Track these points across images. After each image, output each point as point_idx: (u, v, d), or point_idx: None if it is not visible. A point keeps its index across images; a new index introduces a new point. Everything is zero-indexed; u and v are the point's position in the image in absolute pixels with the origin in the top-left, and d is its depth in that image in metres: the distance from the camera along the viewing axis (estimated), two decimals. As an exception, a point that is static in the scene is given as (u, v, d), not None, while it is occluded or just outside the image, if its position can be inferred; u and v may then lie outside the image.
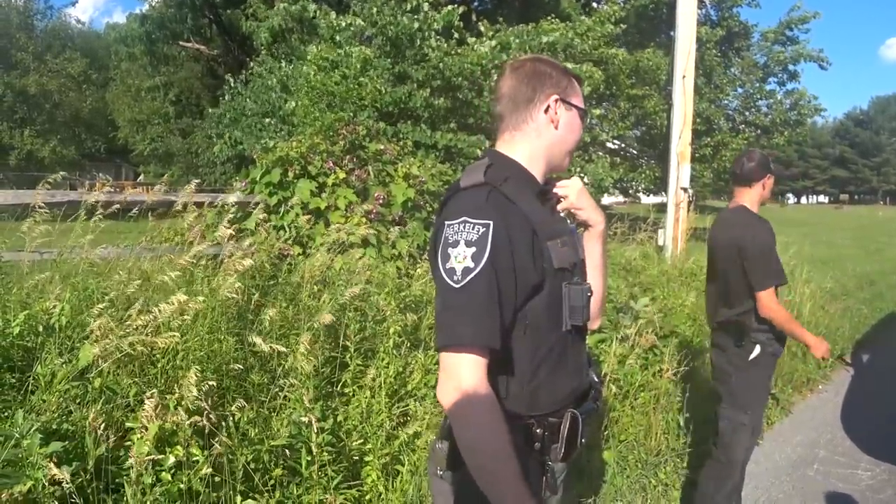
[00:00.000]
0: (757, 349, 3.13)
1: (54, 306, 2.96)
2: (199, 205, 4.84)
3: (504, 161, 1.59)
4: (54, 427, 2.31)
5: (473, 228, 1.39)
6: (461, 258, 1.37)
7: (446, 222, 1.44)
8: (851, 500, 3.88)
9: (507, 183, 1.51)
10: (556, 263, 1.49)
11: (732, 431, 3.19)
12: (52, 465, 2.01)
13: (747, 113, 17.41)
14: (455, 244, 1.39)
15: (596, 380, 1.73)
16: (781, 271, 3.07)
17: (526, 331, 1.46)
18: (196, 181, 5.05)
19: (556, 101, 1.60)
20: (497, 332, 1.36)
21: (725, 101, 17.19)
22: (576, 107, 1.64)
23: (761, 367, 3.18)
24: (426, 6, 9.19)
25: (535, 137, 1.61)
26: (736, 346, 3.19)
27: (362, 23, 9.58)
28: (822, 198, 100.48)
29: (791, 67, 17.36)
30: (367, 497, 2.91)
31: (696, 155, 14.24)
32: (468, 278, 1.36)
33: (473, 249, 1.37)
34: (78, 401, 2.53)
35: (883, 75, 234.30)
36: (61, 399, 2.50)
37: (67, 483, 1.99)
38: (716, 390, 3.39)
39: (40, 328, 2.89)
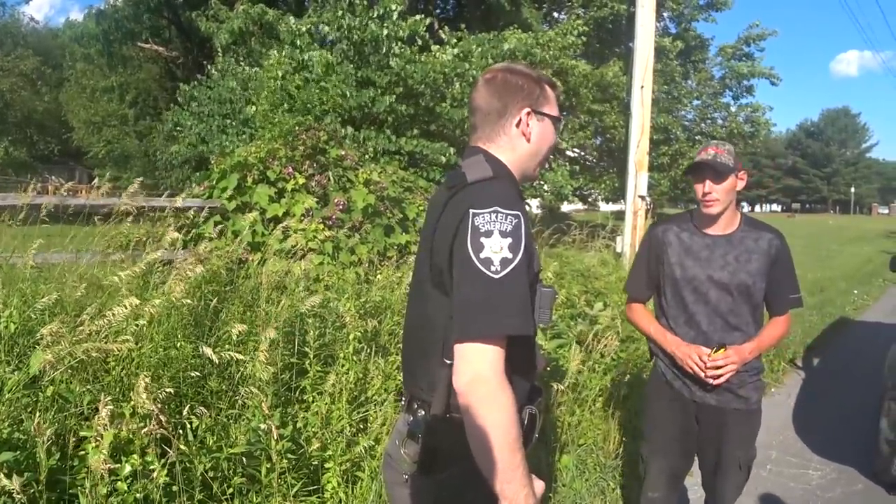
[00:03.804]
0: (654, 363, 2.93)
1: (2, 312, 2.89)
2: (155, 209, 4.77)
3: (494, 159, 1.60)
4: (4, 437, 2.25)
5: (507, 219, 1.38)
6: (497, 248, 1.36)
7: (473, 211, 1.40)
8: (802, 498, 3.99)
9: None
10: (535, 266, 1.53)
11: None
12: (2, 475, 1.96)
13: (703, 124, 17.80)
14: (488, 234, 1.37)
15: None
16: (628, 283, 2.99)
17: None
18: (145, 182, 4.96)
19: (528, 113, 1.60)
20: (532, 321, 1.38)
21: (683, 112, 17.54)
22: (548, 115, 1.65)
23: (650, 385, 2.96)
24: (395, 15, 9.21)
25: (510, 150, 1.62)
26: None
27: (326, 27, 9.55)
28: (774, 206, 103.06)
29: (746, 82, 17.81)
30: (328, 504, 2.90)
31: (654, 164, 14.50)
32: (508, 269, 1.35)
33: (510, 240, 1.37)
34: (29, 409, 2.47)
35: (833, 89, 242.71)
36: (11, 408, 2.43)
37: (18, 493, 1.94)
38: None
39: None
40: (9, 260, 3.70)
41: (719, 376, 2.55)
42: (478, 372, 1.33)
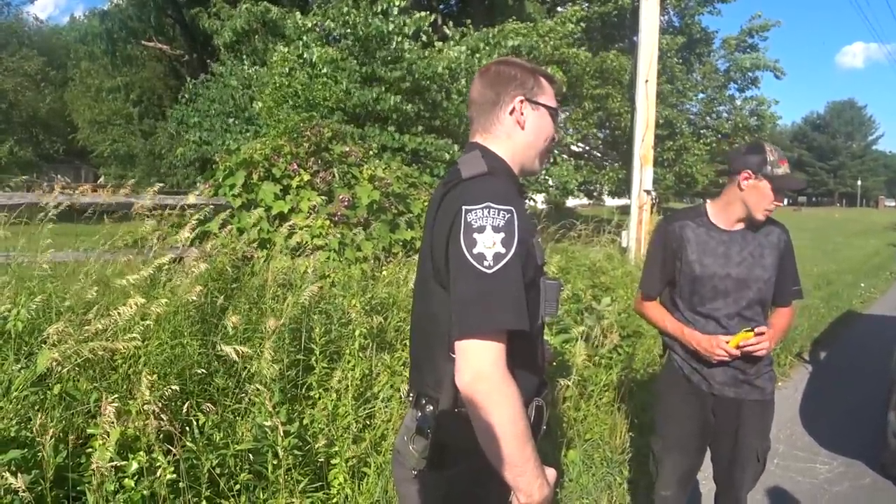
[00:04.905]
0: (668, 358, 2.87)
1: (10, 310, 2.89)
2: (162, 207, 4.78)
3: (491, 154, 1.60)
4: (12, 435, 2.26)
5: (499, 214, 1.38)
6: (490, 244, 1.36)
7: (465, 207, 1.40)
8: (810, 492, 3.98)
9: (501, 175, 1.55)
10: (538, 260, 1.53)
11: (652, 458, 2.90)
12: (8, 473, 1.96)
13: (709, 118, 17.73)
14: (481, 229, 1.37)
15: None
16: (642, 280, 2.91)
17: None
18: (160, 185, 4.98)
19: (522, 101, 1.60)
20: (526, 316, 1.37)
21: (688, 106, 17.48)
22: (544, 105, 1.64)
23: (664, 379, 2.91)
24: (396, 10, 9.19)
25: (506, 139, 1.62)
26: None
27: (331, 23, 9.53)
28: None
29: (751, 75, 17.73)
30: (334, 500, 2.90)
31: (659, 158, 14.45)
32: (501, 264, 1.35)
33: (502, 235, 1.36)
34: (36, 407, 2.48)
35: (839, 81, 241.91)
36: (19, 406, 2.44)
37: (24, 491, 1.94)
38: None
39: (-5, 333, 2.82)
40: (17, 260, 3.71)
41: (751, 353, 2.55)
42: (478, 369, 1.33)
